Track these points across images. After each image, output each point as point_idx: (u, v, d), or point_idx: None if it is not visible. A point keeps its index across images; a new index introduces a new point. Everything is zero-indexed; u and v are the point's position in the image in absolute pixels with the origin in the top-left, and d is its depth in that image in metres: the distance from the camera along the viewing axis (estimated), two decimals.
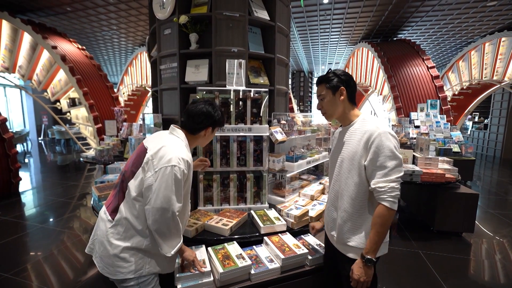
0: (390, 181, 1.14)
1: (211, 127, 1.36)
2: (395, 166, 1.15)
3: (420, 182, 2.98)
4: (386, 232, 1.18)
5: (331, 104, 1.30)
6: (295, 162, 2.16)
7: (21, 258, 2.66)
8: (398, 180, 1.16)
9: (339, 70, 1.31)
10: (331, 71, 1.31)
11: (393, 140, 1.17)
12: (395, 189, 1.14)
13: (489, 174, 6.62)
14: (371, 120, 1.24)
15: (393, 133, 1.19)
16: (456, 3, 5.63)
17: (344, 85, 1.28)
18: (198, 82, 2.20)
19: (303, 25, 7.14)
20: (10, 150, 4.45)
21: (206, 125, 1.34)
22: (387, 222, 1.15)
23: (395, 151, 1.15)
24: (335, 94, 1.28)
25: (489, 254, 2.82)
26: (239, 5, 2.16)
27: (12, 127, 11.36)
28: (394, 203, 1.14)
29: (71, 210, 3.95)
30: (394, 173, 1.15)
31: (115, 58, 10.91)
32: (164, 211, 1.14)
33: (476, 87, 8.10)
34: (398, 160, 1.16)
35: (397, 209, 1.18)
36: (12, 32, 6.35)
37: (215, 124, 1.38)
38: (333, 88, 1.28)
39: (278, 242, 1.60)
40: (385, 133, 1.16)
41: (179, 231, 1.25)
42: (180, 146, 1.24)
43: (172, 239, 1.22)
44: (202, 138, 1.39)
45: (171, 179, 1.14)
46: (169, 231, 1.19)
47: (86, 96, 6.24)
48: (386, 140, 1.15)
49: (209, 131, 1.38)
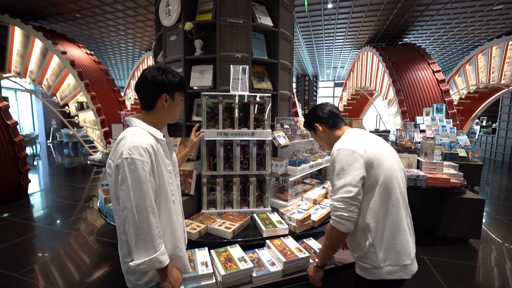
0: (335, 200, 1.15)
1: (165, 93, 1.13)
2: (341, 186, 1.14)
3: (424, 187, 2.96)
4: (332, 247, 1.24)
5: (318, 139, 1.46)
6: (298, 166, 2.17)
7: (29, 258, 2.72)
8: (344, 200, 1.12)
9: (310, 108, 1.46)
10: (304, 114, 1.39)
11: (345, 157, 1.15)
12: (337, 209, 1.13)
13: (498, 179, 6.50)
14: (340, 138, 1.28)
15: (353, 147, 1.17)
16: (461, 7, 5.61)
17: (317, 121, 1.39)
18: (203, 87, 2.25)
19: (308, 29, 7.18)
20: (20, 153, 4.56)
21: (157, 93, 1.12)
22: (331, 237, 1.20)
23: (343, 169, 1.14)
24: (316, 132, 1.41)
25: (496, 261, 2.77)
26: (243, 12, 2.21)
27: (22, 130, 11.64)
28: (338, 223, 1.13)
29: (78, 212, 4.02)
30: (338, 193, 1.14)
31: (122, 62, 11.12)
32: (127, 211, 1.00)
33: (483, 91, 8.00)
34: (345, 178, 1.13)
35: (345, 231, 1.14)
36: (24, 38, 6.55)
37: (170, 88, 1.13)
38: (310, 128, 1.44)
39: (280, 245, 1.61)
40: (338, 150, 1.19)
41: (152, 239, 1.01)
42: (133, 134, 1.05)
43: (140, 247, 1.00)
44: (164, 111, 1.16)
45: (125, 173, 0.99)
46: (135, 233, 1.00)
47: (94, 100, 6.37)
48: (337, 157, 1.18)
49: (168, 100, 1.14)
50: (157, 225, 1.03)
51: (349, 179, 1.13)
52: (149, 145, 1.05)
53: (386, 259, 1.13)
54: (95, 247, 3.01)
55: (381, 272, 1.14)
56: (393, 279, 1.15)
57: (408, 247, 1.16)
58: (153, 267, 1.02)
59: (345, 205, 1.12)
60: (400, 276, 1.14)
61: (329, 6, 5.68)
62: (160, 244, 1.03)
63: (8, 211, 3.95)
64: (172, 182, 1.21)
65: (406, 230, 1.17)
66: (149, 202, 1.01)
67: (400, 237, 1.15)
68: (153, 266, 1.02)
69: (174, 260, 1.17)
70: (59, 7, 5.71)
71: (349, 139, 1.23)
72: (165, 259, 1.05)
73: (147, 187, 1.01)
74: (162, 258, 1.03)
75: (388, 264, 1.13)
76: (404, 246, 1.15)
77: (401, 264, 1.14)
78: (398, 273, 1.14)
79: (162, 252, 1.04)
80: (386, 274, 1.13)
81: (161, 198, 1.12)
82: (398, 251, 1.14)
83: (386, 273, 1.13)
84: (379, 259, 1.14)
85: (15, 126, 4.58)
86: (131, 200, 0.99)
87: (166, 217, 1.14)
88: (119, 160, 1.01)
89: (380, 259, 1.14)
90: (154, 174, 1.08)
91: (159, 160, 1.10)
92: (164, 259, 1.04)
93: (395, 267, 1.13)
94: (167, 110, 1.17)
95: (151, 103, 1.14)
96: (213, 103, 1.96)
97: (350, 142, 1.20)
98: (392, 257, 1.13)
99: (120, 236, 1.12)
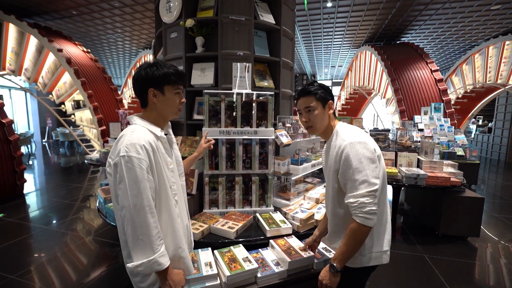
0: (360, 196, 1.08)
1: (151, 88, 1.08)
2: (364, 180, 1.07)
3: (425, 185, 2.97)
4: (357, 246, 1.13)
5: (320, 117, 1.23)
6: (300, 165, 2.16)
7: (26, 260, 2.67)
8: (371, 194, 1.07)
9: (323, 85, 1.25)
10: (317, 83, 1.25)
11: (361, 150, 1.10)
12: (367, 204, 1.06)
13: (494, 177, 6.57)
14: (341, 132, 1.20)
15: (364, 140, 1.12)
16: (459, 6, 5.63)
17: (331, 98, 1.25)
18: (204, 85, 2.22)
19: (307, 28, 7.17)
20: (16, 152, 4.49)
21: (144, 89, 1.09)
22: (357, 237, 1.10)
23: (362, 163, 1.08)
24: (325, 107, 1.24)
25: (495, 259, 2.79)
26: (245, 9, 2.18)
27: (16, 129, 11.47)
28: (367, 219, 1.07)
29: (74, 212, 3.96)
30: (363, 187, 1.07)
31: (119, 60, 11.00)
32: (125, 210, 0.97)
33: (480, 91, 8.07)
34: (366, 172, 1.08)
35: (373, 225, 1.10)
36: (18, 35, 6.44)
37: (154, 82, 1.08)
38: (323, 100, 1.22)
39: (284, 245, 1.60)
40: (351, 144, 1.11)
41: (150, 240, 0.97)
42: (131, 132, 1.03)
43: (138, 248, 0.97)
44: (158, 106, 1.12)
45: (122, 172, 0.97)
46: (133, 234, 0.97)
47: (91, 98, 6.29)
48: (352, 151, 1.10)
49: (157, 94, 1.10)
50: (155, 225, 0.99)
51: (370, 171, 1.08)
52: (147, 142, 1.02)
53: (372, 247, 1.18)
54: (92, 247, 2.97)
55: (366, 259, 1.18)
56: (374, 265, 1.20)
57: (388, 235, 1.22)
58: (152, 269, 0.98)
59: (372, 198, 1.07)
60: (381, 261, 1.20)
61: (328, 4, 5.66)
62: (159, 245, 0.99)
63: (4, 211, 3.88)
64: (175, 181, 1.18)
65: (388, 219, 1.23)
66: (146, 201, 0.98)
67: (387, 226, 1.22)
68: (151, 268, 0.98)
69: (177, 262, 1.14)
70: (54, 3, 5.62)
71: (353, 132, 1.18)
72: (165, 261, 1.01)
73: (144, 185, 0.98)
74: (161, 260, 0.99)
75: (374, 251, 1.18)
76: (388, 233, 1.22)
77: (383, 250, 1.20)
78: (380, 259, 1.20)
79: (161, 253, 1.00)
80: (370, 261, 1.18)
81: (161, 197, 1.08)
82: (385, 239, 1.20)
83: (371, 259, 1.18)
84: (366, 247, 1.17)
85: (10, 125, 4.50)
86: (128, 199, 0.96)
87: (167, 217, 1.10)
88: (116, 158, 0.99)
89: (367, 247, 1.18)
90: (153, 172, 1.04)
91: (158, 158, 1.07)
92: (163, 261, 1.00)
93: (378, 253, 1.19)
94: (161, 105, 1.12)
95: (143, 100, 1.12)
96: (215, 101, 1.93)
97: (358, 135, 1.15)
98: (379, 244, 1.19)
99: (121, 237, 1.09)
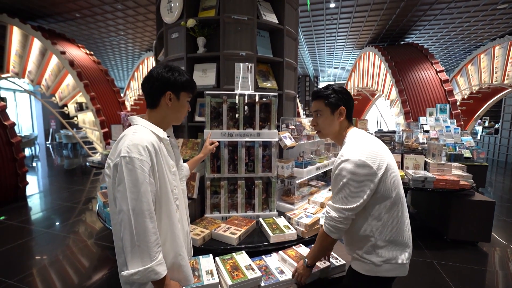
0: (334, 209, 1.12)
1: (170, 91, 1.08)
2: (343, 197, 1.09)
3: (433, 189, 2.88)
4: (323, 250, 1.23)
5: (327, 123, 1.22)
6: (304, 168, 2.09)
7: (26, 263, 2.63)
8: (343, 213, 1.09)
9: (338, 86, 1.22)
10: (331, 87, 1.22)
11: (354, 169, 1.07)
12: (335, 220, 1.11)
13: (501, 180, 6.43)
14: (347, 143, 1.17)
15: (363, 158, 1.07)
16: (465, 6, 5.55)
17: (344, 104, 1.20)
18: (206, 86, 2.17)
19: (309, 29, 7.12)
20: (18, 154, 4.48)
21: (162, 91, 1.07)
22: (323, 243, 1.20)
23: (349, 181, 1.07)
24: (334, 113, 1.21)
25: (507, 265, 2.70)
26: (248, 9, 2.13)
27: (21, 131, 11.55)
28: (331, 232, 1.14)
29: (76, 214, 3.93)
30: (339, 203, 1.11)
31: (122, 63, 11.05)
32: (123, 214, 0.92)
33: (486, 91, 7.95)
34: (349, 191, 1.08)
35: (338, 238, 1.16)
36: (22, 38, 6.48)
37: (175, 86, 1.08)
38: (332, 106, 1.20)
39: (296, 255, 1.50)
40: (348, 160, 1.09)
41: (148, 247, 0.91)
42: (133, 132, 1.00)
43: (135, 255, 0.91)
44: (168, 110, 1.10)
45: (122, 173, 0.92)
46: (130, 239, 0.91)
47: (93, 100, 6.30)
48: (345, 168, 1.09)
49: (173, 98, 1.09)
50: (154, 231, 0.94)
51: (352, 191, 1.08)
52: (150, 144, 0.98)
53: (386, 258, 1.13)
54: (94, 250, 2.93)
55: (379, 269, 1.13)
56: (390, 276, 1.15)
57: (408, 248, 1.16)
58: (148, 278, 0.92)
59: (342, 218, 1.11)
60: (397, 274, 1.15)
61: (331, 5, 5.62)
62: (157, 253, 0.94)
63: (5, 214, 3.86)
64: (176, 185, 1.13)
65: (408, 232, 1.17)
66: (146, 206, 0.93)
67: (402, 238, 1.15)
68: (147, 277, 0.92)
69: (176, 270, 1.07)
70: (58, 6, 5.64)
71: (357, 146, 1.12)
72: (162, 270, 0.95)
73: (145, 188, 0.93)
74: (159, 269, 0.93)
75: (388, 262, 1.13)
76: (404, 246, 1.15)
77: (399, 263, 1.14)
78: (395, 271, 1.14)
79: (159, 262, 0.94)
80: (384, 272, 1.13)
81: (162, 201, 1.03)
82: (399, 251, 1.14)
83: (384, 270, 1.13)
84: (380, 257, 1.13)
85: (12, 127, 4.50)
86: (127, 202, 0.91)
87: (167, 222, 1.04)
88: (117, 159, 0.94)
89: (381, 258, 1.13)
90: (155, 175, 1.00)
91: (160, 160, 1.02)
92: (160, 270, 0.94)
93: (394, 265, 1.13)
94: (171, 110, 1.11)
95: (155, 100, 1.09)
96: (216, 102, 1.88)
97: (360, 151, 1.09)
98: (393, 256, 1.13)
99: (117, 243, 1.02)
